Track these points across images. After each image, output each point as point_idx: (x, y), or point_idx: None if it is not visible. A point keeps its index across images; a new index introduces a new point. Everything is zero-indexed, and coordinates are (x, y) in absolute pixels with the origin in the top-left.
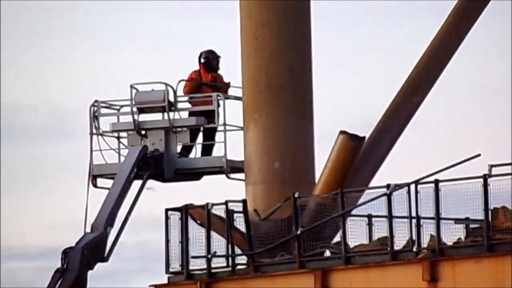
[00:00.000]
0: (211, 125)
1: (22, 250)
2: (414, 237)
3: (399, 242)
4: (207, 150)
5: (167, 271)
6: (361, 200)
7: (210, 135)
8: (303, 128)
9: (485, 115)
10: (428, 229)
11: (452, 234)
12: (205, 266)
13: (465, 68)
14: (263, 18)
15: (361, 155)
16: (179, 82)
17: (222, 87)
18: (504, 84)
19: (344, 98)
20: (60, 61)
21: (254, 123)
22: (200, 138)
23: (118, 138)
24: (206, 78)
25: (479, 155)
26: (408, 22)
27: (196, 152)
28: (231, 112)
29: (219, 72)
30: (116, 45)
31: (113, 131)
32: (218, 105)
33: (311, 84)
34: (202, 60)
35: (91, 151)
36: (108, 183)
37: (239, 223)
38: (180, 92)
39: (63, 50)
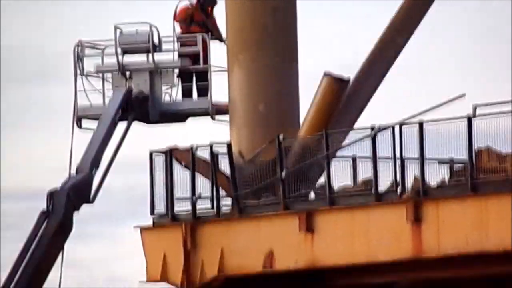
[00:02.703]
0: (196, 67)
1: (8, 192)
2: (399, 178)
3: (384, 184)
4: (201, 91)
5: (151, 213)
6: (345, 142)
7: (202, 76)
8: (288, 70)
9: (469, 56)
10: (413, 170)
11: (436, 175)
12: (189, 208)
13: (449, 8)
14: None
15: (346, 97)
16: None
17: (213, 33)
18: (488, 25)
19: (329, 40)
20: (44, 3)
21: (238, 64)
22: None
23: (103, 79)
24: (198, 17)
25: (463, 95)
26: None
27: (177, 94)
28: (217, 54)
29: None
30: None
31: (98, 72)
32: (205, 47)
33: (296, 25)
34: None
35: (76, 92)
36: (93, 124)
37: (224, 165)
38: (165, 33)
39: None
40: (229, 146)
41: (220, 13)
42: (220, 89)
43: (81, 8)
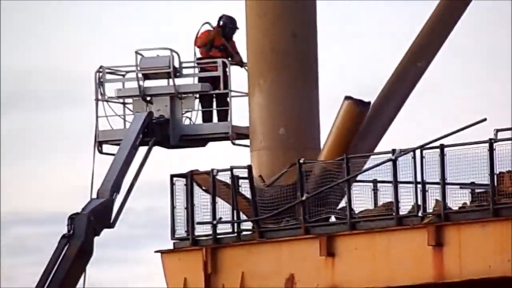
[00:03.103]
0: (216, 91)
1: (30, 216)
2: (420, 202)
3: (404, 207)
4: (221, 115)
5: (172, 237)
6: (366, 166)
7: (222, 100)
8: (308, 93)
9: (491, 80)
10: (434, 194)
11: (457, 199)
12: (210, 232)
13: (471, 32)
14: None
15: (366, 121)
16: (203, 24)
17: (234, 58)
18: (509, 48)
19: (349, 64)
20: (66, 27)
21: (259, 89)
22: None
23: (124, 104)
24: (219, 42)
25: (484, 119)
26: None
27: (196, 118)
28: (237, 78)
29: (233, 39)
30: (123, 9)
31: (119, 97)
32: (225, 71)
33: (316, 50)
34: (221, 23)
35: (97, 117)
36: (114, 149)
37: (244, 189)
38: (185, 58)
39: (69, 14)
40: (249, 169)
41: (240, 38)
42: (240, 113)
43: (103, 33)
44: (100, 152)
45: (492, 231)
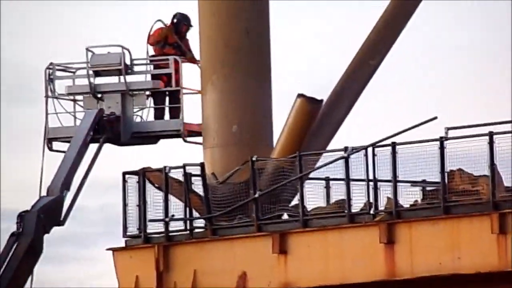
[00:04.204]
0: (167, 89)
1: None
2: (371, 199)
3: (357, 205)
4: (173, 112)
5: (124, 235)
6: (319, 163)
7: (174, 97)
8: (261, 91)
9: (442, 78)
10: (385, 192)
11: (408, 197)
12: (162, 230)
13: (422, 31)
14: None
15: (319, 119)
16: (156, 22)
17: (187, 55)
18: (461, 46)
19: (302, 61)
20: (16, 22)
21: (212, 86)
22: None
23: (74, 101)
24: (172, 39)
25: (435, 118)
26: None
27: (148, 115)
28: (191, 76)
29: (187, 37)
30: (74, 6)
31: (69, 94)
32: (177, 69)
33: (269, 46)
34: (175, 21)
35: (47, 114)
36: (64, 146)
37: (197, 186)
38: (136, 55)
39: (19, 10)
40: (202, 167)
41: (194, 36)
42: (193, 111)
43: (53, 30)
44: (50, 149)
45: (442, 229)
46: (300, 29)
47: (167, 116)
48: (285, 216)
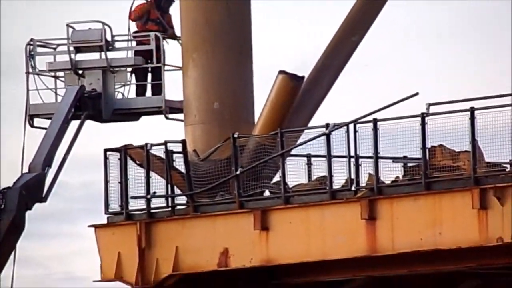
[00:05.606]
0: (149, 65)
1: None
2: (353, 176)
3: (338, 182)
4: (155, 89)
5: (106, 212)
6: (300, 140)
7: (156, 74)
8: (242, 68)
9: (423, 54)
10: (367, 168)
11: (390, 173)
12: (144, 207)
13: (404, 7)
14: None
15: (300, 95)
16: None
17: (169, 31)
18: (443, 23)
19: (284, 37)
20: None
21: (192, 62)
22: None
23: (55, 77)
24: (154, 15)
25: (416, 94)
26: None
27: (129, 92)
28: (173, 52)
29: (170, 14)
30: None
31: (50, 70)
32: (159, 45)
33: (250, 23)
34: None
35: (28, 90)
36: (45, 123)
37: (179, 163)
38: (120, 32)
39: None
40: (183, 144)
41: (175, 13)
42: (175, 87)
43: (34, 7)
44: (32, 126)
45: (424, 205)
46: (281, 5)
47: (148, 93)
48: (267, 193)
